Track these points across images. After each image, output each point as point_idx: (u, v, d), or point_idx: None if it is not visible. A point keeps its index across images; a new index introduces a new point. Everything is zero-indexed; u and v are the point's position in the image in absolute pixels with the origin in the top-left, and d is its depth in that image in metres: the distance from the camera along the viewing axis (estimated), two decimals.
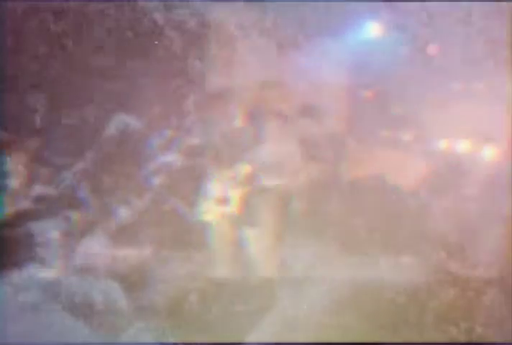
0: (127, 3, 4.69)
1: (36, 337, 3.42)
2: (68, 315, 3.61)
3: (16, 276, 3.76)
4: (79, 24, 4.69)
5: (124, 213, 4.22)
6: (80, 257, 4.08)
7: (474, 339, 3.68)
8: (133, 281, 3.91)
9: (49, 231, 4.23)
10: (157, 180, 4.38)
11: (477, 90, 4.53)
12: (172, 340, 3.74)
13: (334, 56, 4.59)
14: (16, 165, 4.45)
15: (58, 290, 3.73)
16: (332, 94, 4.60)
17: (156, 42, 4.66)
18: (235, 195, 4.21)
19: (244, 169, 4.29)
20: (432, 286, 3.89)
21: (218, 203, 4.20)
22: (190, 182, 4.33)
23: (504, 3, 4.41)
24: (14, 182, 4.41)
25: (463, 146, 4.47)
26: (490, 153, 4.41)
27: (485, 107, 4.38)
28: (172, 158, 4.46)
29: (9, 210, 4.27)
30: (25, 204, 4.38)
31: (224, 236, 4.14)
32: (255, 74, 4.62)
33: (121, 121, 4.61)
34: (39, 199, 4.42)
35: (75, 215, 4.31)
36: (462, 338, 3.70)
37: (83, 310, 3.66)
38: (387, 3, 4.52)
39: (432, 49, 4.47)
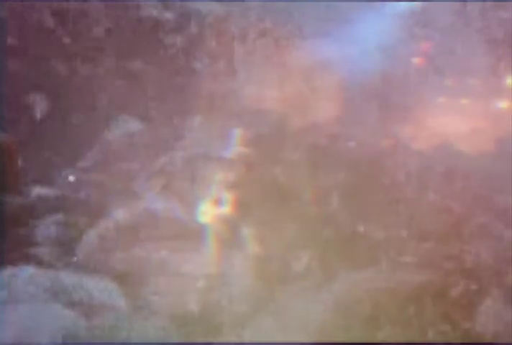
0: (129, 5, 4.70)
1: (34, 337, 3.43)
2: (68, 314, 3.62)
3: (14, 275, 3.76)
4: (80, 25, 4.69)
5: (122, 214, 4.22)
6: (79, 256, 4.10)
7: (474, 339, 3.69)
8: (132, 281, 3.91)
9: (48, 230, 4.24)
10: (156, 181, 4.38)
11: None
12: (171, 340, 3.75)
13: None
14: (18, 166, 4.45)
15: (58, 289, 3.73)
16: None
17: (159, 44, 4.68)
18: (230, 195, 4.21)
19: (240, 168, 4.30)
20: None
21: (214, 204, 4.20)
22: (188, 183, 4.33)
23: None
24: (15, 183, 4.41)
25: None
26: None
27: None
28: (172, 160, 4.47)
29: (9, 210, 4.28)
30: (25, 204, 4.39)
31: (222, 236, 4.14)
32: (257, 74, 4.63)
33: (123, 123, 4.62)
34: (40, 199, 4.43)
35: (74, 215, 4.32)
36: (462, 338, 3.71)
37: (82, 309, 3.66)
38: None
39: None
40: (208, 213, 4.22)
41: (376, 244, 4.05)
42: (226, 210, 4.20)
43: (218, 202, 4.23)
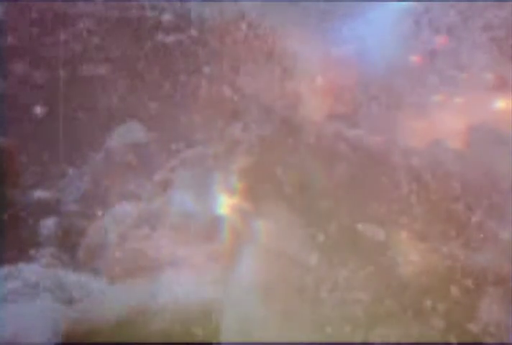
0: (129, 5, 4.70)
1: (33, 336, 3.43)
2: (67, 314, 3.62)
3: (14, 275, 3.78)
4: (81, 25, 4.70)
5: (124, 211, 4.23)
6: (80, 256, 4.11)
7: (474, 339, 3.68)
8: (133, 280, 3.92)
9: (49, 231, 4.25)
10: (160, 178, 4.40)
11: None
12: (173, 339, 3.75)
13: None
14: (18, 169, 4.47)
15: (58, 288, 3.74)
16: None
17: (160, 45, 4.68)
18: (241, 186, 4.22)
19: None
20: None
21: (227, 195, 4.22)
22: (194, 179, 4.34)
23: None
24: (15, 186, 4.43)
25: None
26: None
27: None
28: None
29: (10, 212, 4.30)
30: (26, 206, 4.40)
31: (237, 229, 4.14)
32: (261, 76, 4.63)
33: (128, 130, 4.62)
34: (40, 201, 4.44)
35: (74, 215, 4.34)
36: (462, 338, 3.70)
37: (82, 309, 3.67)
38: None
39: None
40: (216, 207, 4.23)
41: (376, 243, 4.04)
42: (233, 205, 4.22)
43: (227, 193, 4.25)
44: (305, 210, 4.20)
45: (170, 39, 4.71)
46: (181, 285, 3.93)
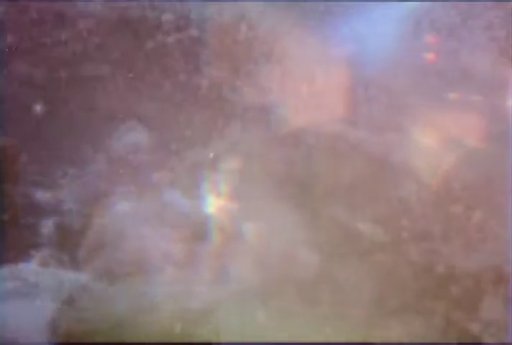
0: (129, 5, 4.70)
1: (32, 336, 3.43)
2: (67, 314, 3.62)
3: (14, 275, 3.77)
4: (81, 25, 4.70)
5: (122, 208, 4.23)
6: (79, 255, 4.11)
7: (473, 339, 3.68)
8: (132, 279, 3.91)
9: (48, 230, 4.25)
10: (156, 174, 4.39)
11: None
12: (172, 339, 3.74)
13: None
14: (19, 169, 4.46)
15: (58, 288, 3.74)
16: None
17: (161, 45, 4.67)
18: (230, 186, 4.22)
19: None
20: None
21: (216, 196, 4.22)
22: (191, 175, 4.34)
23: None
24: (15, 186, 4.42)
25: None
26: None
27: None
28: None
29: (10, 212, 4.29)
30: (26, 206, 4.40)
31: (225, 229, 4.14)
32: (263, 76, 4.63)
33: (128, 130, 4.62)
34: (40, 201, 4.44)
35: (74, 215, 4.33)
36: (462, 338, 3.70)
37: (81, 308, 3.67)
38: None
39: None
40: (210, 205, 4.23)
41: (376, 243, 4.04)
42: (229, 203, 4.22)
43: (221, 195, 4.25)
44: (305, 210, 4.20)
45: (170, 39, 4.70)
46: (180, 285, 3.93)
